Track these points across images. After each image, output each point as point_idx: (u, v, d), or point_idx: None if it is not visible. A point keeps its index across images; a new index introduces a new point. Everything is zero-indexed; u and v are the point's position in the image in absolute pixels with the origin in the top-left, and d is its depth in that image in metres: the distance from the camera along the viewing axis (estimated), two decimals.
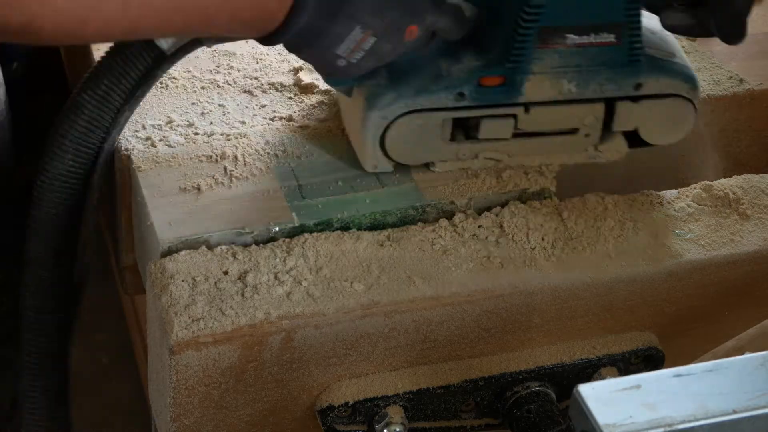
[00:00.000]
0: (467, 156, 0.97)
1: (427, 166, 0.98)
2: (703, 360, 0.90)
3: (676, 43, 1.00)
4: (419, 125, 0.94)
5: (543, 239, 0.94)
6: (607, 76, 0.95)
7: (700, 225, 0.98)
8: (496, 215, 0.96)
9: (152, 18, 0.76)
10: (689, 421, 0.67)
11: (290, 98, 1.08)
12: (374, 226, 0.95)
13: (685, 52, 1.20)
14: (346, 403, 0.91)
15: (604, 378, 0.96)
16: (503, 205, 0.97)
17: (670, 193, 1.01)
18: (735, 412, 0.68)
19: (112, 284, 1.25)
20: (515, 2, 0.90)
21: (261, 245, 0.91)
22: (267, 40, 0.84)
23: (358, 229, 0.94)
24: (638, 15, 0.93)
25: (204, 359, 0.85)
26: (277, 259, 0.90)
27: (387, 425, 0.92)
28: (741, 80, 1.16)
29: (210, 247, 0.90)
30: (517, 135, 0.97)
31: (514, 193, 0.98)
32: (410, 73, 0.93)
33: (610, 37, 0.92)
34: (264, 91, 1.08)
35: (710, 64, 1.19)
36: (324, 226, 0.93)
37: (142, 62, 0.91)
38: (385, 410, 0.92)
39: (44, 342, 1.00)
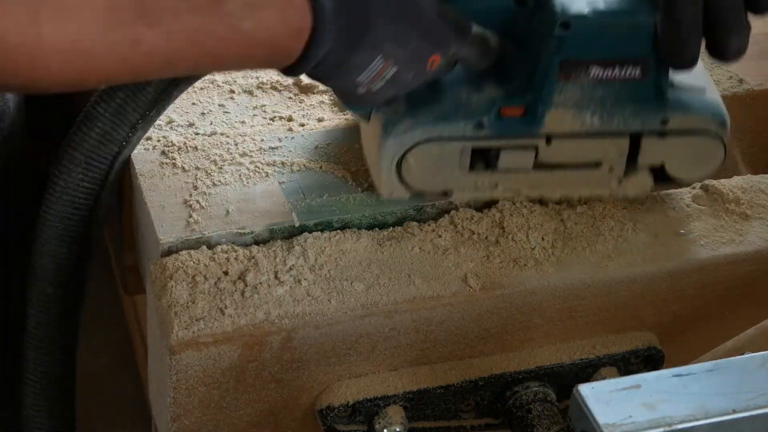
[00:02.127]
0: (486, 186, 0.95)
1: (445, 194, 0.95)
2: (703, 360, 0.90)
3: (707, 77, 0.98)
4: (437, 153, 0.92)
5: (543, 239, 0.94)
6: (632, 111, 0.92)
7: (700, 225, 0.98)
8: (496, 215, 0.96)
9: (158, 64, 0.74)
10: (689, 421, 0.67)
11: (290, 98, 1.08)
12: (374, 226, 0.95)
13: None
14: (346, 403, 0.91)
15: (604, 378, 0.96)
16: (503, 205, 0.96)
17: (669, 193, 1.01)
18: (735, 412, 0.68)
19: (112, 284, 1.25)
20: (538, 33, 0.88)
21: (261, 245, 0.91)
22: (285, 72, 0.82)
23: (358, 229, 0.94)
24: None
25: (204, 359, 0.85)
26: (277, 259, 0.90)
27: (387, 425, 0.92)
28: (741, 80, 1.16)
29: (210, 247, 0.90)
30: (538, 167, 0.94)
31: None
32: (429, 100, 0.91)
33: (636, 72, 0.90)
34: (264, 91, 1.08)
35: (710, 64, 1.19)
36: (324, 226, 0.93)
37: (159, 79, 0.90)
38: (385, 410, 0.92)
39: (49, 362, 0.98)
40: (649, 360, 0.98)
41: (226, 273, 0.88)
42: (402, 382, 0.92)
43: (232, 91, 1.07)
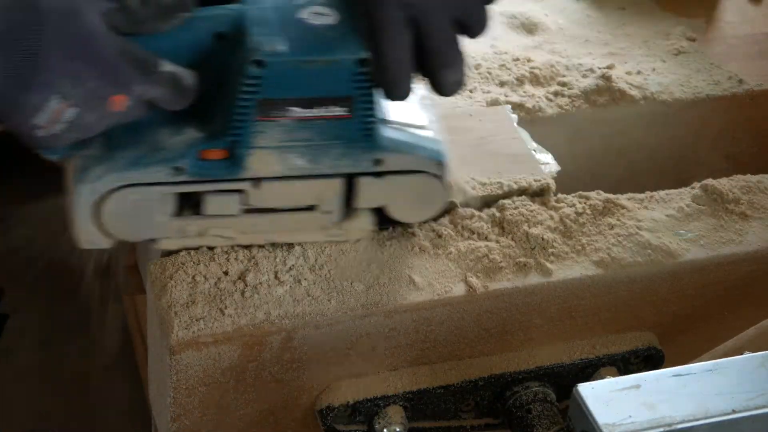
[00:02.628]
0: (194, 233, 0.89)
1: (151, 242, 0.90)
2: (702, 360, 0.90)
3: (432, 113, 0.94)
4: (137, 200, 0.85)
5: (543, 239, 0.94)
6: (341, 152, 0.86)
7: (700, 225, 0.98)
8: (496, 215, 0.96)
9: None
10: (689, 421, 0.67)
11: None
12: None
13: (685, 53, 1.21)
14: (346, 403, 0.91)
15: (603, 378, 0.96)
16: (503, 204, 0.97)
17: (669, 193, 1.01)
18: (735, 412, 0.68)
19: (112, 284, 1.25)
20: (235, 71, 0.83)
21: (261, 245, 0.91)
22: None
23: None
24: (368, 87, 0.84)
25: (204, 359, 0.85)
26: (277, 259, 0.90)
27: (387, 425, 0.92)
28: (741, 80, 1.17)
29: (210, 247, 0.90)
30: (249, 211, 0.89)
31: (515, 193, 0.98)
32: (127, 144, 0.85)
33: (341, 111, 0.85)
34: None
35: (710, 64, 1.19)
36: None
37: None
38: (385, 410, 0.92)
39: None
40: (649, 360, 0.99)
41: (226, 273, 0.88)
42: (402, 382, 0.92)
43: None
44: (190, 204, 0.88)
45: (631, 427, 0.67)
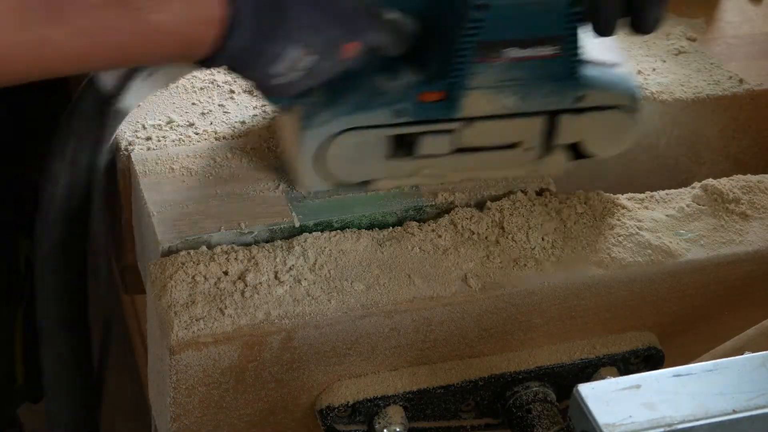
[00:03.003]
0: (407, 173, 0.95)
1: (365, 183, 0.95)
2: (703, 360, 0.90)
3: (621, 53, 0.98)
4: (357, 143, 0.91)
5: (543, 239, 0.94)
6: (549, 89, 0.92)
7: (700, 225, 0.98)
8: (496, 215, 0.96)
9: (69, 62, 0.74)
10: (689, 421, 0.67)
11: None
12: (374, 226, 0.95)
13: (685, 52, 1.21)
14: (346, 403, 0.91)
15: (603, 378, 0.96)
16: (503, 205, 0.97)
17: (669, 193, 1.01)
18: (735, 412, 0.68)
19: (112, 284, 1.25)
20: (454, 16, 0.88)
21: (261, 245, 0.91)
22: (202, 65, 0.81)
23: (358, 229, 0.94)
24: (577, 27, 0.90)
25: (204, 359, 0.85)
26: (277, 259, 0.90)
27: (387, 425, 0.92)
28: (741, 80, 1.16)
29: (210, 247, 0.90)
30: (457, 150, 0.94)
31: (515, 193, 0.98)
32: (347, 90, 0.89)
33: (551, 50, 0.90)
34: None
35: (710, 64, 1.19)
36: (324, 226, 0.93)
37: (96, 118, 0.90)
38: (385, 410, 0.92)
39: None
40: (649, 360, 0.99)
41: (226, 273, 0.88)
42: (402, 382, 0.92)
43: (232, 91, 1.07)
44: (401, 145, 0.93)
45: (631, 427, 0.67)
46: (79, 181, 0.92)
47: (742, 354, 0.74)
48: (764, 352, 0.73)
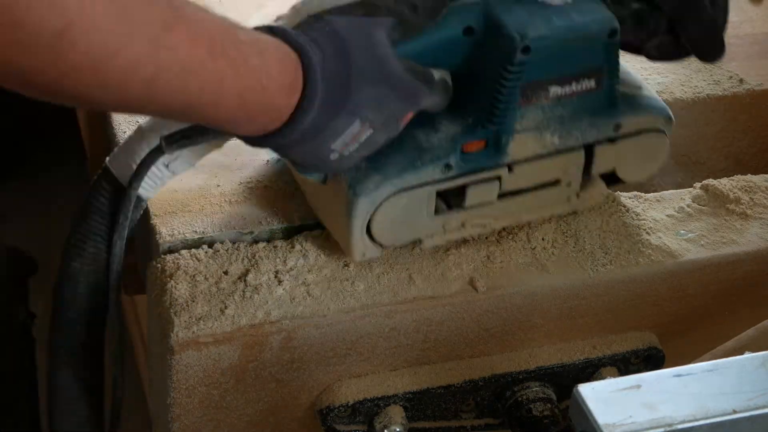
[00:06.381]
0: (455, 226, 0.91)
1: (414, 243, 0.91)
2: (703, 360, 0.90)
3: (639, 76, 0.96)
4: (405, 204, 0.87)
5: (543, 239, 0.94)
6: (588, 122, 0.90)
7: (700, 225, 0.98)
8: None
9: (172, 81, 0.69)
10: (689, 421, 0.67)
11: None
12: None
13: None
14: (346, 403, 0.91)
15: (604, 378, 0.96)
16: None
17: (670, 193, 1.01)
18: (735, 412, 0.68)
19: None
20: (495, 61, 0.85)
21: (261, 245, 0.91)
22: (264, 139, 0.78)
23: None
24: (617, 56, 0.88)
25: (204, 359, 0.85)
26: (278, 259, 0.90)
27: (387, 425, 0.92)
28: (741, 80, 1.16)
29: (210, 247, 0.90)
30: (501, 195, 0.91)
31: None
32: (391, 150, 0.85)
33: (591, 83, 0.88)
34: None
35: (710, 64, 1.19)
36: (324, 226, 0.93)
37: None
38: (385, 410, 0.92)
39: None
40: (649, 360, 0.98)
41: (226, 273, 0.88)
42: (402, 382, 0.92)
43: None
44: (446, 198, 0.90)
45: (631, 427, 0.67)
46: (98, 280, 0.89)
47: (742, 354, 0.74)
48: (764, 352, 0.73)
